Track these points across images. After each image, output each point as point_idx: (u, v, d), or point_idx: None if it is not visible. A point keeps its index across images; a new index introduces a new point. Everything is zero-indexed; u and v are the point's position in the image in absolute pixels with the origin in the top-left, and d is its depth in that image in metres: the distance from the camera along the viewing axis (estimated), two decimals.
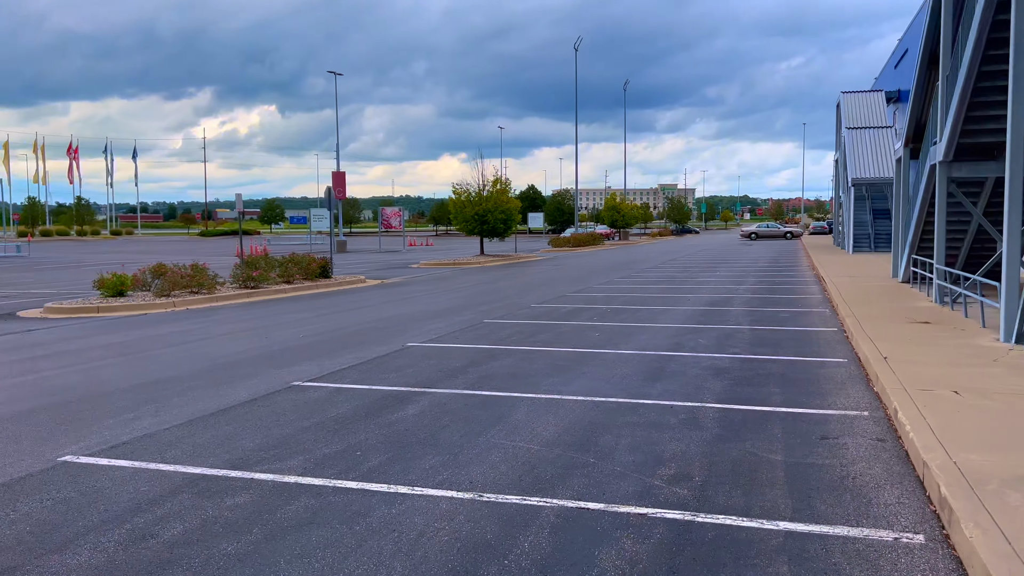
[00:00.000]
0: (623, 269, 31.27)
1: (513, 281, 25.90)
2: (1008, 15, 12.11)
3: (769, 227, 75.32)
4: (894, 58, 53.61)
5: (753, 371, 9.83)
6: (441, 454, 6.48)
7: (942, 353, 9.96)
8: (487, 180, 41.45)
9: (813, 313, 15.86)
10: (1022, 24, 10.22)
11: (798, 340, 12.32)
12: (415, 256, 45.35)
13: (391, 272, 31.72)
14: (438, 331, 13.80)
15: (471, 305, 18.22)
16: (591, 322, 14.79)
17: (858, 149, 44.32)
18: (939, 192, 15.80)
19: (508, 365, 10.43)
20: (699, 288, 21.97)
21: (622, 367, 10.20)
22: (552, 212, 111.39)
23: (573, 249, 53.89)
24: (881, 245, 42.06)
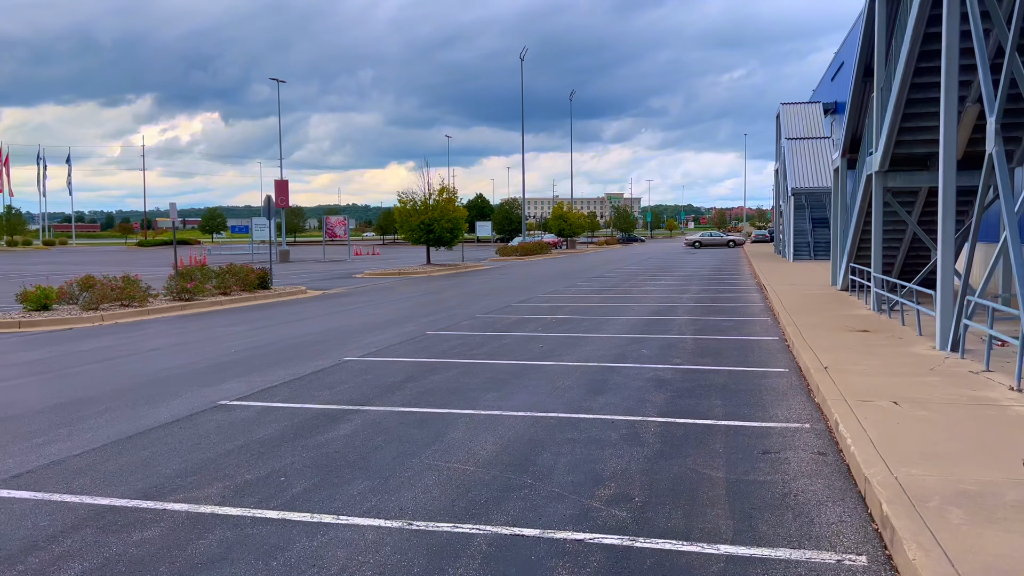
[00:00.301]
0: (569, 278, 31.23)
1: (459, 291, 25.59)
2: (939, 28, 12.34)
3: (712, 236, 76.49)
4: (831, 71, 55.01)
5: (695, 382, 9.72)
6: (371, 478, 6.15)
7: (881, 362, 10.00)
8: (433, 189, 41.07)
9: (755, 322, 15.93)
10: (953, 37, 10.38)
11: (740, 349, 12.30)
12: (360, 265, 44.66)
13: (334, 282, 31.09)
14: (378, 344, 13.42)
15: (414, 316, 17.86)
16: (535, 333, 14.59)
17: (797, 159, 45.28)
18: (875, 202, 16.05)
19: (448, 379, 10.13)
20: (644, 297, 21.98)
21: (565, 380, 10.00)
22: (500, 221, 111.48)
23: (520, 258, 53.82)
24: (820, 253, 42.96)
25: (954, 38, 10.39)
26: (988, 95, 9.18)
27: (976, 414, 7.18)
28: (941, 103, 10.51)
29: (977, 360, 9.90)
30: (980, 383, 8.52)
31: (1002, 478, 5.35)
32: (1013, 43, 8.75)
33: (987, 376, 8.88)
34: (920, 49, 12.95)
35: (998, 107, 8.99)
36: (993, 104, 9.09)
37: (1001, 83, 8.95)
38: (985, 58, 9.33)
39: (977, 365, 9.55)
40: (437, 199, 40.62)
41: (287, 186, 62.10)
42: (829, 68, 55.93)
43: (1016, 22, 8.67)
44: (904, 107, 14.16)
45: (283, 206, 62.29)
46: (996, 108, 8.99)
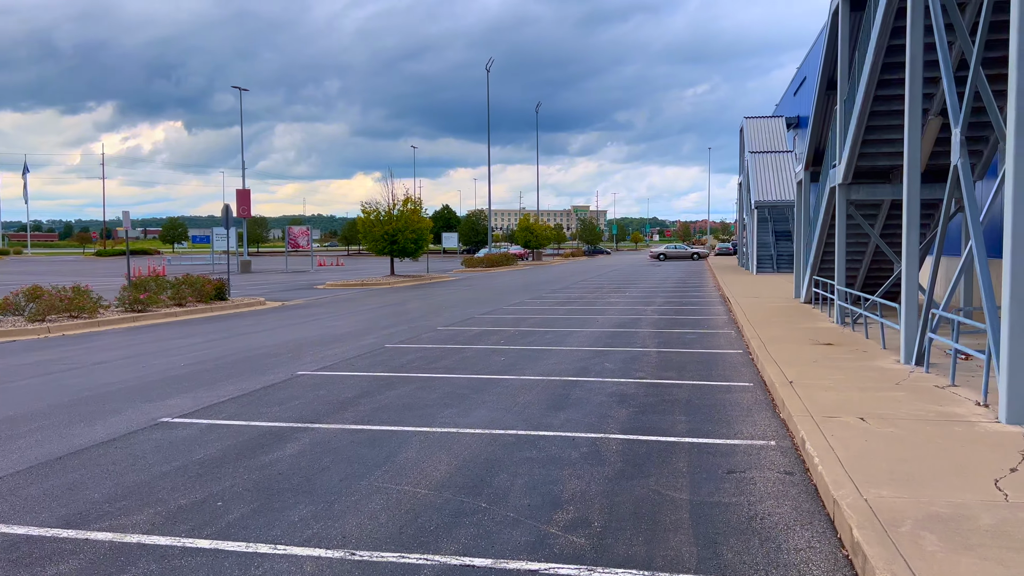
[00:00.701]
0: (535, 290, 30.97)
1: (422, 302, 25.18)
2: (903, 40, 12.33)
3: (677, 248, 76.92)
4: (793, 86, 55.75)
5: (659, 397, 9.47)
6: (315, 502, 5.76)
7: (846, 376, 9.85)
8: (397, 199, 40.62)
9: (719, 334, 15.78)
10: (917, 50, 10.33)
11: (704, 363, 12.10)
12: (323, 276, 43.96)
13: (294, 293, 30.47)
14: (334, 357, 12.98)
15: (374, 328, 17.42)
16: (497, 346, 14.26)
17: (760, 172, 45.68)
18: (839, 214, 16.03)
19: (404, 395, 9.75)
20: (608, 309, 21.78)
21: (525, 395, 9.68)
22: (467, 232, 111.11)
23: (486, 269, 53.49)
24: (783, 266, 43.30)
25: (918, 50, 10.33)
26: (953, 107, 9.10)
27: (944, 431, 7.00)
28: (905, 116, 10.45)
29: (942, 374, 9.79)
30: (947, 398, 8.38)
31: (975, 500, 5.14)
32: (978, 55, 8.69)
33: (953, 391, 8.75)
34: (884, 61, 12.94)
35: (963, 119, 8.91)
36: (958, 116, 9.01)
37: (966, 95, 8.87)
38: (950, 70, 9.26)
39: (943, 379, 9.43)
40: (401, 209, 40.17)
41: (249, 196, 61.15)
42: (791, 83, 56.70)
43: (981, 34, 8.61)
44: (867, 119, 14.16)
45: (245, 216, 61.32)
46: (961, 120, 8.91)
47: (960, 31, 9.81)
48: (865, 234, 17.68)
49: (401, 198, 40.66)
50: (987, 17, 8.59)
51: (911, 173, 10.47)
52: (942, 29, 9.57)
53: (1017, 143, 7.01)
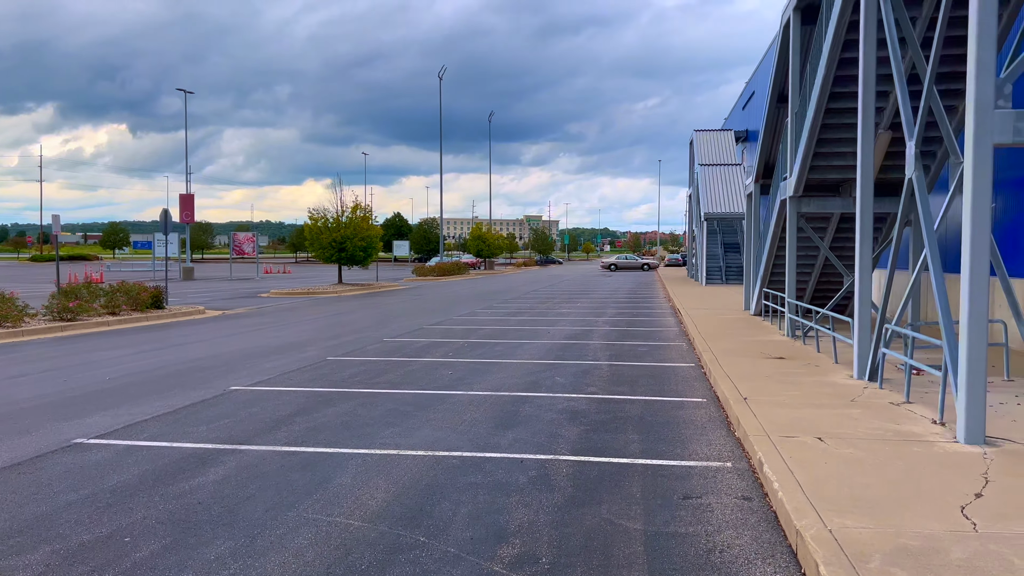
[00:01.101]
0: (486, 299, 30.54)
1: (369, 312, 24.54)
2: (855, 52, 12.27)
3: (628, 259, 77.31)
4: (742, 100, 56.54)
5: (611, 414, 9.11)
6: (235, 536, 5.23)
7: (800, 392, 9.63)
8: (346, 206, 39.87)
9: (671, 347, 15.56)
10: (870, 62, 10.23)
11: (656, 377, 11.81)
12: (268, 284, 42.88)
13: (237, 302, 29.51)
14: (272, 371, 12.36)
15: (317, 339, 16.78)
16: (445, 358, 13.78)
17: (710, 185, 46.08)
18: (790, 227, 15.98)
19: (344, 412, 9.22)
20: (560, 320, 21.47)
21: (472, 412, 9.23)
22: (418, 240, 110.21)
23: (438, 278, 52.89)
24: (732, 277, 43.67)
25: (871, 63, 10.23)
26: (907, 120, 8.98)
27: (903, 451, 6.77)
28: (858, 128, 10.32)
29: (896, 390, 9.64)
30: (903, 416, 8.19)
31: (943, 530, 4.87)
32: (932, 71, 8.56)
33: (908, 408, 8.58)
34: (835, 74, 12.89)
35: (917, 132, 8.79)
36: (912, 129, 8.89)
37: (920, 108, 8.75)
38: (904, 84, 9.14)
39: (897, 396, 9.28)
40: (351, 216, 39.44)
41: (192, 200, 59.57)
42: (740, 97, 57.51)
43: (936, 50, 8.49)
44: (819, 132, 14.11)
45: (188, 221, 59.71)
46: (916, 133, 8.78)
47: (912, 45, 9.72)
48: (815, 246, 17.70)
49: (350, 205, 39.95)
50: (941, 31, 8.47)
51: (864, 186, 10.35)
52: (896, 42, 9.47)
53: (976, 158, 6.85)
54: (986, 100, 6.79)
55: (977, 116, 6.81)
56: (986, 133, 6.81)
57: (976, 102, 6.81)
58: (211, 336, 17.75)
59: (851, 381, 10.42)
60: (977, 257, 6.90)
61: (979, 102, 6.80)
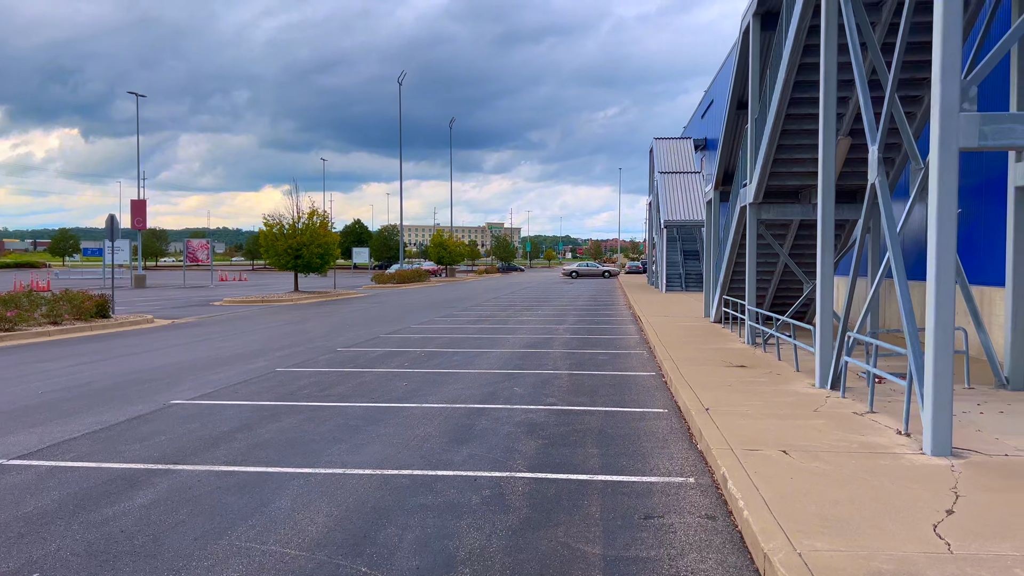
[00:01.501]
0: (446, 307, 30.10)
1: (325, 320, 23.95)
2: (815, 58, 12.18)
3: (589, 266, 77.44)
4: (700, 108, 56.99)
5: (570, 426, 8.78)
6: (158, 570, 4.77)
7: (763, 402, 9.41)
8: (303, 212, 39.10)
9: (631, 355, 15.31)
10: (831, 67, 10.10)
11: (617, 387, 11.52)
12: (222, 292, 41.88)
13: (188, 310, 28.66)
14: (217, 383, 11.80)
15: (268, 349, 16.21)
16: (401, 369, 13.34)
17: (670, 192, 46.24)
18: (749, 233, 15.88)
19: (290, 427, 8.75)
20: (520, 328, 21.13)
21: (426, 426, 8.83)
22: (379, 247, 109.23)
23: (397, 286, 52.25)
24: (692, 284, 43.82)
25: (832, 68, 10.09)
26: (870, 124, 8.83)
27: (870, 465, 6.55)
28: (820, 133, 10.18)
29: (859, 399, 9.47)
30: (867, 427, 8.00)
31: (917, 552, 4.61)
32: (894, 78, 8.42)
33: (872, 418, 8.39)
34: (795, 79, 12.79)
35: (880, 136, 8.64)
36: (875, 133, 8.74)
37: (883, 112, 8.60)
38: (866, 88, 9.00)
39: (860, 405, 9.10)
40: (307, 223, 38.69)
41: (144, 206, 58.14)
42: (699, 106, 57.97)
43: (899, 52, 8.35)
44: (779, 138, 14.02)
45: (140, 228, 58.25)
46: (879, 137, 8.64)
47: (873, 49, 9.62)
48: (774, 253, 17.66)
49: (307, 211, 39.19)
50: (904, 35, 8.34)
51: (826, 192, 10.20)
52: (857, 47, 9.34)
53: (941, 163, 6.68)
54: (951, 103, 6.63)
55: (942, 119, 6.65)
56: (951, 137, 6.64)
57: (941, 105, 6.64)
58: (157, 346, 17.06)
59: (813, 390, 10.25)
60: (943, 264, 6.73)
61: (944, 105, 6.64)
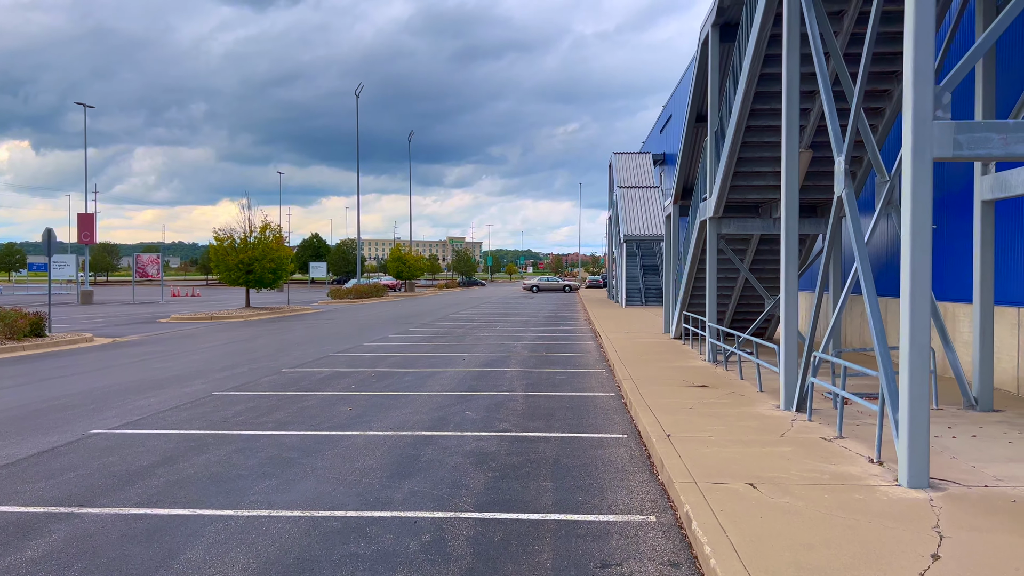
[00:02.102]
0: (402, 323, 29.34)
1: (274, 338, 23.04)
2: (776, 68, 11.84)
3: (549, 280, 77.08)
4: (659, 124, 57.18)
5: (523, 456, 8.18)
6: None
7: (726, 427, 8.92)
8: (255, 226, 38.04)
9: (590, 374, 14.78)
10: (793, 77, 9.73)
11: (575, 409, 10.96)
12: (172, 308, 40.52)
13: (132, 328, 27.47)
14: (146, 409, 10.97)
15: (208, 371, 15.34)
16: (347, 391, 12.62)
17: (629, 207, 46.14)
18: (710, 248, 15.50)
19: (217, 461, 8.00)
20: (476, 345, 20.50)
21: (367, 457, 8.15)
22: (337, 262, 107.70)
23: (354, 301, 51.21)
24: (652, 299, 43.63)
25: (794, 78, 9.72)
26: (835, 134, 8.44)
27: (844, 500, 6.06)
28: (783, 145, 9.79)
29: (826, 422, 9.04)
30: (837, 454, 7.54)
31: None
32: (863, 79, 8.04)
33: (842, 444, 7.94)
34: (756, 90, 12.45)
35: (847, 147, 8.25)
36: (841, 144, 8.35)
37: (850, 123, 8.21)
38: (830, 96, 8.62)
39: (828, 429, 8.66)
40: (259, 236, 37.64)
41: (93, 220, 56.32)
42: (658, 121, 58.17)
43: (866, 59, 7.97)
44: (739, 151, 13.67)
45: (88, 242, 56.39)
46: (845, 148, 8.25)
47: (836, 58, 9.26)
48: (734, 269, 17.33)
49: (259, 225, 38.14)
50: (870, 45, 7.95)
51: (789, 205, 9.80)
52: (821, 55, 8.97)
53: (915, 174, 6.27)
54: (924, 110, 6.22)
55: (915, 128, 6.24)
56: (926, 146, 6.24)
57: (914, 113, 6.24)
58: (90, 368, 16.07)
59: (778, 412, 9.80)
60: (918, 282, 6.30)
61: (917, 113, 6.23)
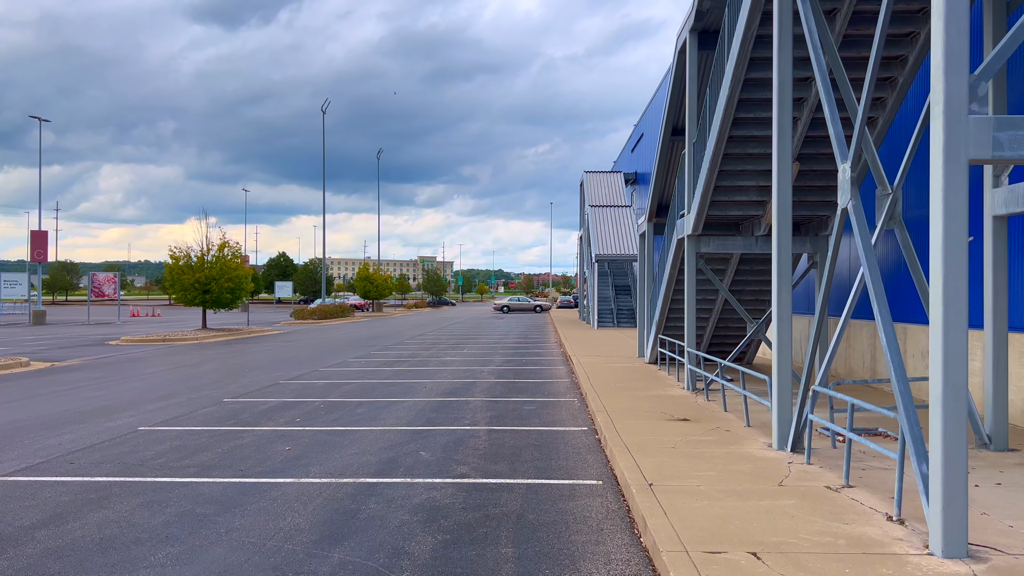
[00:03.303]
0: (364, 346, 27.97)
1: (223, 363, 21.57)
2: (761, 72, 10.90)
3: (520, 300, 75.97)
4: (631, 142, 56.59)
5: (481, 510, 6.98)
6: None
7: (716, 472, 7.80)
8: (213, 243, 36.48)
9: (561, 404, 13.61)
10: (786, 74, 8.74)
11: (543, 447, 9.78)
12: (127, 330, 38.73)
13: (76, 351, 25.81)
14: (55, 449, 9.60)
15: (142, 401, 13.92)
16: (289, 426, 11.32)
17: (601, 226, 45.28)
18: (688, 268, 14.48)
19: (115, 519, 6.70)
20: (441, 371, 19.24)
21: (296, 513, 6.90)
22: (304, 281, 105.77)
23: (318, 322, 49.64)
24: (624, 320, 42.67)
25: (787, 76, 8.74)
26: (838, 138, 7.44)
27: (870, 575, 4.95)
28: (774, 151, 8.78)
29: (828, 465, 7.96)
30: (849, 509, 6.44)
31: None
32: (872, 79, 7.04)
33: (852, 496, 6.85)
34: (740, 96, 11.47)
35: (853, 152, 7.24)
36: (846, 151, 7.34)
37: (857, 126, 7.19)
38: (831, 97, 7.63)
39: (831, 476, 7.57)
40: (217, 255, 36.08)
41: (46, 237, 54.29)
42: (629, 140, 57.60)
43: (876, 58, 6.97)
44: (720, 164, 12.69)
45: (40, 260, 54.27)
46: (851, 154, 7.23)
47: (832, 56, 8.29)
48: (713, 290, 16.34)
49: (217, 242, 36.58)
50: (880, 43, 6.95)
51: (782, 221, 8.77)
52: (820, 54, 8.00)
53: (947, 178, 5.23)
54: (958, 104, 5.21)
55: (947, 125, 5.22)
56: (959, 146, 5.21)
57: (945, 107, 5.22)
58: (13, 397, 14.57)
59: (771, 453, 8.70)
60: (952, 307, 5.25)
61: (949, 107, 5.22)
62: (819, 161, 12.77)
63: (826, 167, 12.79)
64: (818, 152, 12.59)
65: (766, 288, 16.33)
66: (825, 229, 13.93)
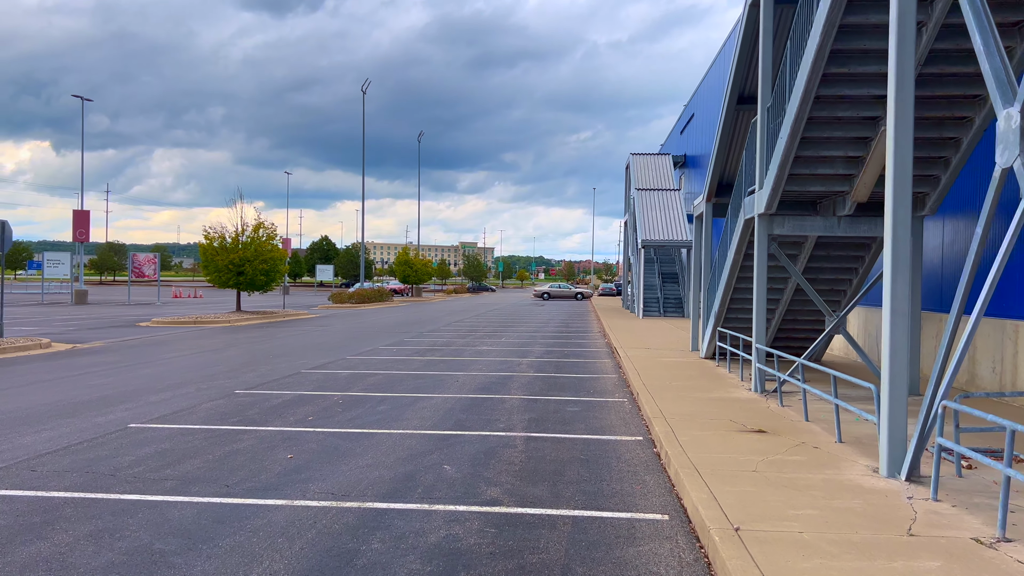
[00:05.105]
0: (399, 332, 26.61)
1: (248, 348, 20.34)
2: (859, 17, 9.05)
3: (561, 287, 74.19)
4: (679, 124, 54.24)
5: (514, 559, 5.39)
6: None
7: (818, 511, 6.10)
8: (247, 224, 35.44)
9: (609, 405, 11.96)
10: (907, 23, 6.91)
11: (591, 464, 8.16)
12: (164, 311, 38.07)
13: (104, 332, 24.91)
14: (23, 451, 8.26)
15: (148, 390, 12.64)
16: (297, 427, 9.88)
17: (647, 211, 43.23)
18: (759, 252, 12.66)
19: (47, 556, 5.26)
20: (476, 361, 17.71)
21: (279, 554, 5.39)
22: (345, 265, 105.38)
23: (355, 306, 48.59)
24: (671, 310, 40.72)
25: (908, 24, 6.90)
26: (996, 74, 5.62)
27: None
28: (890, 99, 6.95)
29: (960, 503, 6.19)
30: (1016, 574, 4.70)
31: None
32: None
33: (1014, 554, 5.10)
34: (831, 47, 9.61)
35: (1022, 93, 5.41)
36: (1009, 93, 5.52)
37: None
38: (981, 12, 5.80)
39: (972, 520, 5.81)
40: (252, 236, 35.03)
41: (88, 217, 54.12)
42: (678, 121, 55.26)
43: None
44: (803, 129, 10.84)
45: (82, 240, 54.19)
46: (1021, 95, 5.41)
47: None
48: (781, 279, 14.47)
49: (252, 223, 35.53)
50: None
51: (898, 191, 6.97)
52: None
53: None
54: None
55: None
56: None
57: None
58: (15, 383, 13.43)
59: (881, 482, 6.95)
60: None
61: None
62: (919, 127, 10.83)
63: (927, 134, 10.86)
64: (920, 116, 10.66)
65: (843, 277, 14.41)
66: (921, 208, 11.99)
